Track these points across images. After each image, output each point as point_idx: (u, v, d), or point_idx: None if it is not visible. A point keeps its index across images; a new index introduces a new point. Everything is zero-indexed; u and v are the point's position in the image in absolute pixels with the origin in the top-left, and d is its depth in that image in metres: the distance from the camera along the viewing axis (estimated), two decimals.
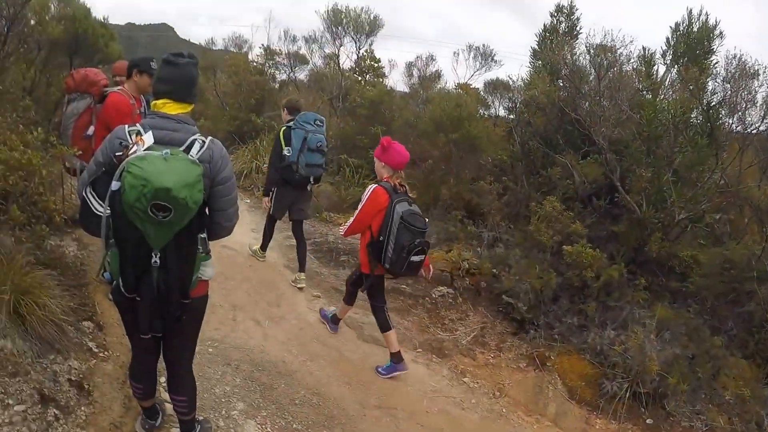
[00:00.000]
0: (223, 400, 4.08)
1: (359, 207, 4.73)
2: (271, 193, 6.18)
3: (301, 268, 6.36)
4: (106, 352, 4.04)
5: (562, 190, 6.90)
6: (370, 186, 4.76)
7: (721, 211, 6.22)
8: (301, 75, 15.68)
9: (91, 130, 4.73)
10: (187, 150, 2.61)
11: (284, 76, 15.58)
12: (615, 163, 6.38)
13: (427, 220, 4.86)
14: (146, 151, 2.46)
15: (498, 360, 5.68)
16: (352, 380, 4.79)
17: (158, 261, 2.53)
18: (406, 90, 14.23)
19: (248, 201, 9.43)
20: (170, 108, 2.72)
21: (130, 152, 2.45)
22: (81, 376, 3.60)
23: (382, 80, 13.41)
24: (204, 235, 2.78)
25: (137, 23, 64.85)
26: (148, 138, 2.55)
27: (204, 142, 2.68)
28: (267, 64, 14.83)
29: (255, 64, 14.59)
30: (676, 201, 5.82)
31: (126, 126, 2.68)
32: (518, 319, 6.03)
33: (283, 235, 7.68)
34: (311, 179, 6.08)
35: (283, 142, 5.93)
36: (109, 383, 3.73)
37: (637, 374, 5.04)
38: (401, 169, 4.81)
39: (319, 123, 5.96)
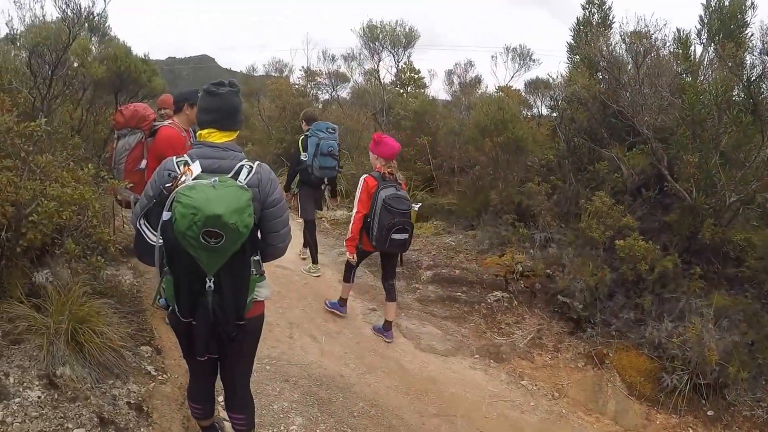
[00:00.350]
0: (281, 415, 4.23)
1: (356, 198, 5.42)
2: (292, 195, 7.30)
3: (314, 260, 7.24)
4: (164, 375, 4.26)
5: (611, 184, 6.81)
6: (362, 176, 5.45)
7: None
8: (344, 93, 15.96)
9: (143, 163, 4.95)
10: (236, 176, 2.66)
11: (327, 96, 15.87)
12: (661, 152, 6.25)
13: (413, 202, 5.61)
14: (195, 181, 2.50)
15: (556, 361, 5.66)
16: (410, 390, 4.88)
17: (212, 286, 2.56)
18: (448, 98, 14.30)
19: (300, 220, 9.68)
20: (215, 137, 2.77)
21: (180, 182, 2.51)
22: (140, 398, 3.78)
23: (424, 91, 13.55)
24: (257, 258, 2.84)
25: (178, 56, 67.39)
26: (196, 167, 2.59)
27: (251, 167, 2.72)
28: (308, 86, 15.16)
29: (297, 86, 14.92)
30: (726, 184, 5.65)
31: (174, 158, 2.75)
32: (574, 319, 6.01)
33: (337, 252, 7.89)
34: (325, 180, 7.08)
35: (300, 149, 6.97)
36: (168, 405, 3.92)
37: (696, 366, 4.94)
38: (392, 160, 5.52)
39: (331, 131, 6.91)
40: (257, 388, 4.33)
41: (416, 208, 5.62)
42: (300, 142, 7.03)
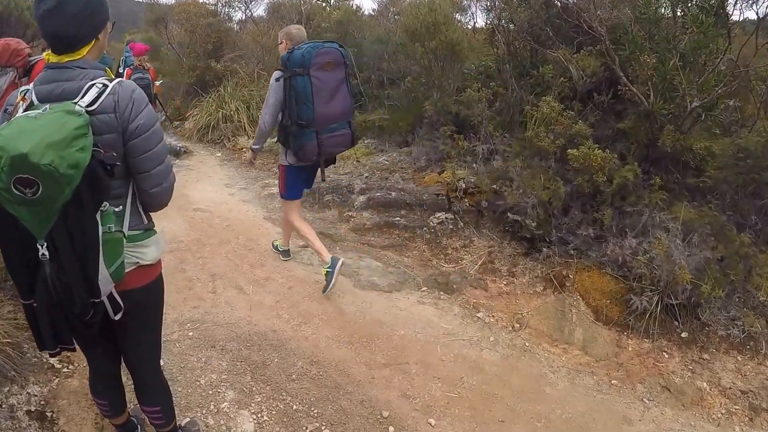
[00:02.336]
0: (210, 392, 3.53)
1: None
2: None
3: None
4: (70, 366, 3.51)
5: (558, 89, 6.14)
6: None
7: (731, 97, 5.50)
8: (260, 10, 14.71)
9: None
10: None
11: (241, 15, 14.59)
12: (613, 53, 5.61)
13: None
14: (24, 113, 1.92)
15: (512, 287, 5.12)
16: (354, 338, 4.24)
17: (46, 253, 1.93)
18: (375, 8, 13.28)
19: (219, 155, 8.73)
20: (54, 58, 2.08)
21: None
22: (43, 402, 3.11)
23: (348, 1, 12.48)
24: (120, 208, 2.15)
25: None
26: (32, 96, 2.00)
27: (104, 86, 2.03)
28: (219, 3, 13.79)
29: (207, 4, 13.57)
30: (686, 88, 5.10)
31: (20, 89, 2.10)
32: (528, 238, 5.43)
33: (261, 184, 7.04)
34: None
35: None
36: (77, 403, 3.22)
37: (666, 285, 4.48)
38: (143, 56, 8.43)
39: None
40: (181, 361, 3.68)
41: (158, 84, 8.51)
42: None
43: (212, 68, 11.59)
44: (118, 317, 2.16)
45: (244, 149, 8.89)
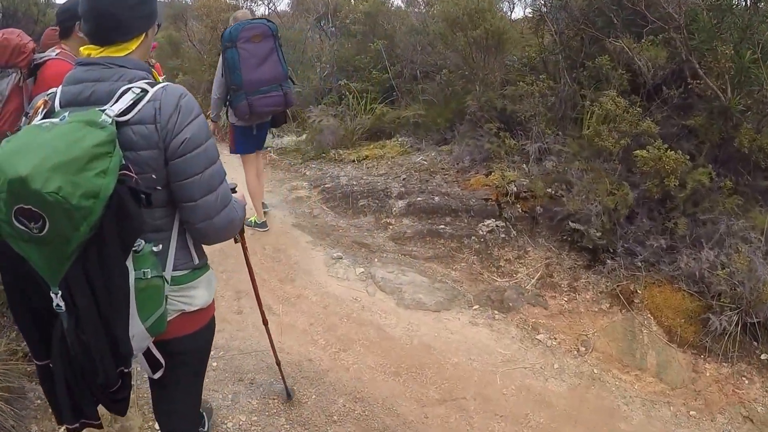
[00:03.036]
0: None
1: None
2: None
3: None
4: None
5: (617, 82, 5.50)
6: None
7: None
8: (283, 5, 14.24)
9: (24, 120, 3.39)
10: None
11: (263, 9, 14.12)
12: (685, 43, 4.97)
13: None
14: (40, 121, 1.55)
15: (574, 304, 4.54)
16: (401, 368, 3.70)
17: (61, 304, 1.47)
18: None
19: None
20: (95, 53, 1.69)
21: None
22: None
23: None
24: (160, 248, 1.67)
25: None
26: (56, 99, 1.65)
27: (143, 90, 1.61)
28: None
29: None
30: (766, 81, 4.47)
31: (48, 92, 1.72)
32: (590, 249, 4.85)
33: (288, 187, 6.51)
34: None
35: None
36: None
37: (749, 303, 3.92)
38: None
39: None
40: (204, 397, 3.13)
41: (162, 80, 6.39)
42: None
43: None
44: (157, 376, 1.78)
45: (269, 148, 8.38)
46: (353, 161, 7.08)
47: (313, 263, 4.95)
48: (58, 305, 1.47)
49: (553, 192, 5.20)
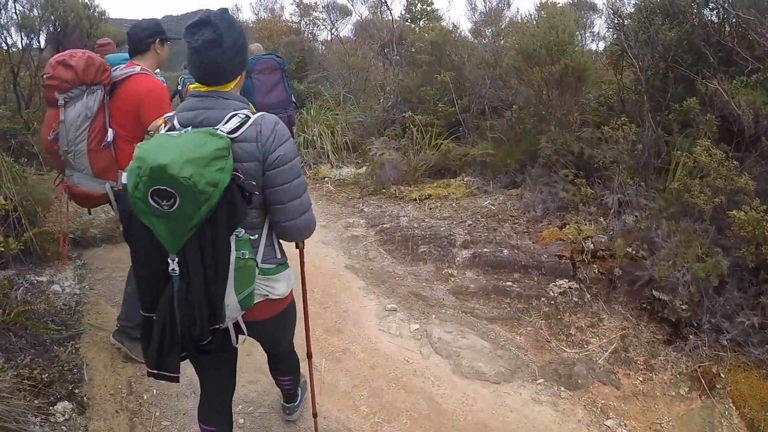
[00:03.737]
0: None
1: None
2: None
3: None
4: None
5: (705, 128, 4.89)
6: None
7: None
8: (345, 31, 14.08)
9: (110, 135, 3.37)
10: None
11: (326, 35, 13.99)
12: None
13: None
14: (168, 132, 2.00)
15: (650, 385, 3.95)
16: None
17: (176, 268, 1.92)
18: (470, 27, 12.35)
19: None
20: (204, 89, 2.16)
21: None
22: None
23: (439, 23, 11.61)
24: (256, 236, 2.20)
25: (174, 15, 63.48)
26: (174, 120, 2.09)
27: (247, 116, 2.08)
28: (303, 22, 13.19)
29: (290, 23, 13.04)
30: None
31: (165, 116, 2.21)
32: (672, 321, 4.26)
33: (343, 223, 6.14)
34: None
35: None
36: None
37: None
38: None
39: None
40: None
41: None
42: None
43: (294, 89, 10.83)
44: (238, 345, 2.22)
45: (326, 179, 8.05)
46: (415, 200, 6.67)
47: (364, 313, 4.54)
48: (173, 269, 1.90)
49: (634, 252, 4.64)
